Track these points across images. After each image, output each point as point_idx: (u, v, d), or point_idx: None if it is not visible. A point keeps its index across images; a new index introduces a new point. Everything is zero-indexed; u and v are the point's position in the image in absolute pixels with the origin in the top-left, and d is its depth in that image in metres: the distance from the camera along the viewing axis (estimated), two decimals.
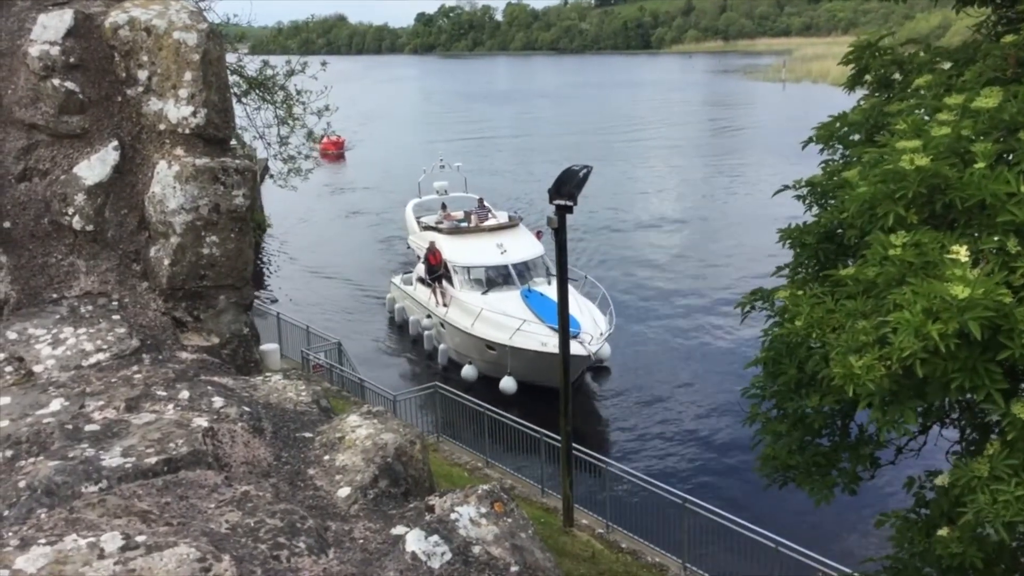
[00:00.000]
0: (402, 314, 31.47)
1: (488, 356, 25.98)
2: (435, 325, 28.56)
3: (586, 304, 26.42)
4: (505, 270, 28.10)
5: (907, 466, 8.45)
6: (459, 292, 27.63)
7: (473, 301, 26.70)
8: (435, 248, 28.71)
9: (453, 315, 27.14)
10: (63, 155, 3.24)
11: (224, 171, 3.31)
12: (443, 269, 28.46)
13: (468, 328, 26.10)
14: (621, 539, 15.84)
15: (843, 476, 7.73)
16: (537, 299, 26.64)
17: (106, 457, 2.29)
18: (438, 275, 28.46)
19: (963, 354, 5.07)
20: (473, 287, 27.77)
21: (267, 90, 26.20)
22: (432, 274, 28.60)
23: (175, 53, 3.29)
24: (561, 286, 16.09)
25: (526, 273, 28.29)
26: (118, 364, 2.90)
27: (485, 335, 25.61)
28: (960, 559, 6.05)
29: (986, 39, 8.77)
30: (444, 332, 28.02)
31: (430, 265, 28.65)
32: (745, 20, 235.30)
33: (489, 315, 25.51)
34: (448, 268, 28.37)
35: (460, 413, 20.05)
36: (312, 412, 2.83)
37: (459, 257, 28.54)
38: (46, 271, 3.19)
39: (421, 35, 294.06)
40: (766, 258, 18.24)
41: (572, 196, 14.91)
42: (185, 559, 1.84)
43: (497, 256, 28.34)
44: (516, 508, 2.27)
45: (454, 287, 27.95)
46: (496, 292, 27.30)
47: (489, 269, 28.09)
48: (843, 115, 8.77)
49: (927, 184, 5.84)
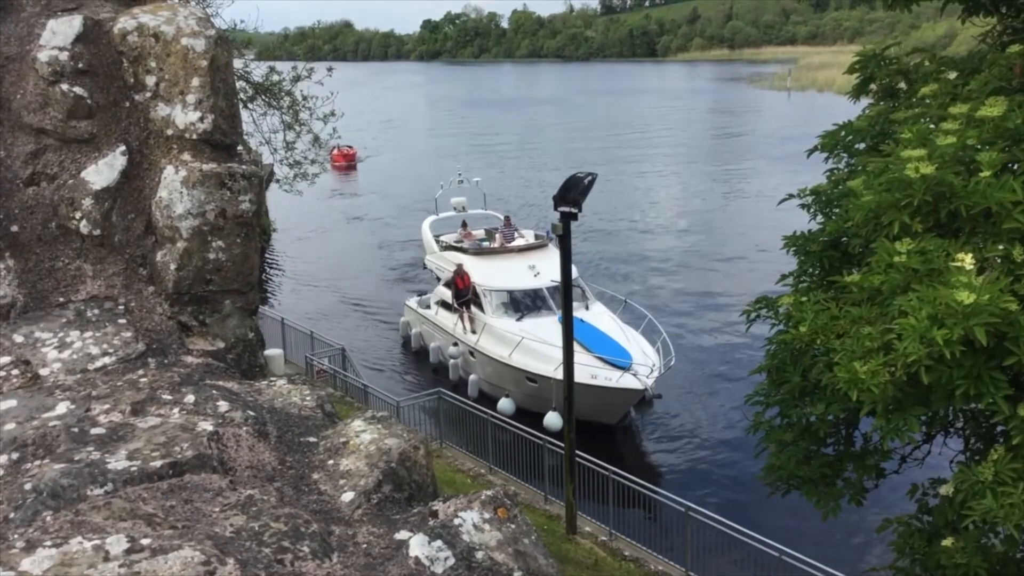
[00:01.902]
0: (420, 340, 29.09)
1: (527, 388, 23.69)
2: (463, 354, 26.17)
3: (632, 333, 24.44)
4: (539, 294, 25.77)
5: (911, 474, 8.44)
6: (491, 318, 25.40)
7: (508, 328, 24.51)
8: (463, 271, 26.48)
9: (486, 343, 24.91)
10: (71, 160, 3.26)
11: (231, 176, 3.33)
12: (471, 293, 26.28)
13: (504, 358, 23.89)
14: (624, 547, 15.81)
15: (849, 487, 7.73)
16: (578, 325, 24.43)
17: (111, 460, 2.30)
18: (465, 299, 26.30)
19: (968, 361, 5.07)
20: (507, 313, 25.39)
21: (273, 96, 26.32)
22: (460, 299, 26.36)
23: (183, 59, 3.30)
24: (565, 293, 16.09)
25: None
26: (124, 368, 2.91)
27: (525, 366, 23.29)
28: (964, 569, 6.04)
29: (992, 49, 8.78)
30: (474, 361, 25.68)
31: (458, 289, 26.37)
32: (751, 28, 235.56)
33: (530, 344, 23.21)
34: (478, 292, 26.11)
35: (464, 419, 20.04)
36: (316, 417, 2.84)
37: (489, 280, 26.19)
38: (53, 275, 3.20)
39: (427, 42, 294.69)
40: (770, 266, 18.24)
41: (577, 203, 14.92)
42: (189, 562, 1.85)
43: (531, 279, 25.94)
44: (520, 514, 2.28)
45: (485, 313, 25.75)
46: (532, 318, 24.94)
47: (523, 293, 25.83)
48: (848, 123, 8.79)
49: (932, 192, 5.85)
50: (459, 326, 26.26)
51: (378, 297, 36.14)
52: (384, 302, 35.06)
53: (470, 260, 27.32)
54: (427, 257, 30.58)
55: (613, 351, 22.70)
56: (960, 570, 6.08)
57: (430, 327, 28.22)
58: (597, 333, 23.72)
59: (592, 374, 21.50)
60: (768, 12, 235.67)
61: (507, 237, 29.18)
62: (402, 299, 35.53)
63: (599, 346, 22.92)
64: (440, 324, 27.40)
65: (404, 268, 40.01)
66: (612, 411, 22.63)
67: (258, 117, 26.33)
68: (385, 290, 36.74)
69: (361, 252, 43.98)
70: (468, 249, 28.23)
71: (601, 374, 21.53)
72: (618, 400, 22.15)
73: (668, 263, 40.07)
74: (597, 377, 21.53)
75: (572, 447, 15.97)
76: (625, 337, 23.60)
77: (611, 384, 21.56)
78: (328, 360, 24.33)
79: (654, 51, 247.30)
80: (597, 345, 22.87)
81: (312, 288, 37.64)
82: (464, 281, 26.30)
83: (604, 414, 22.46)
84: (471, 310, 26.17)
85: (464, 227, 30.40)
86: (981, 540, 6.26)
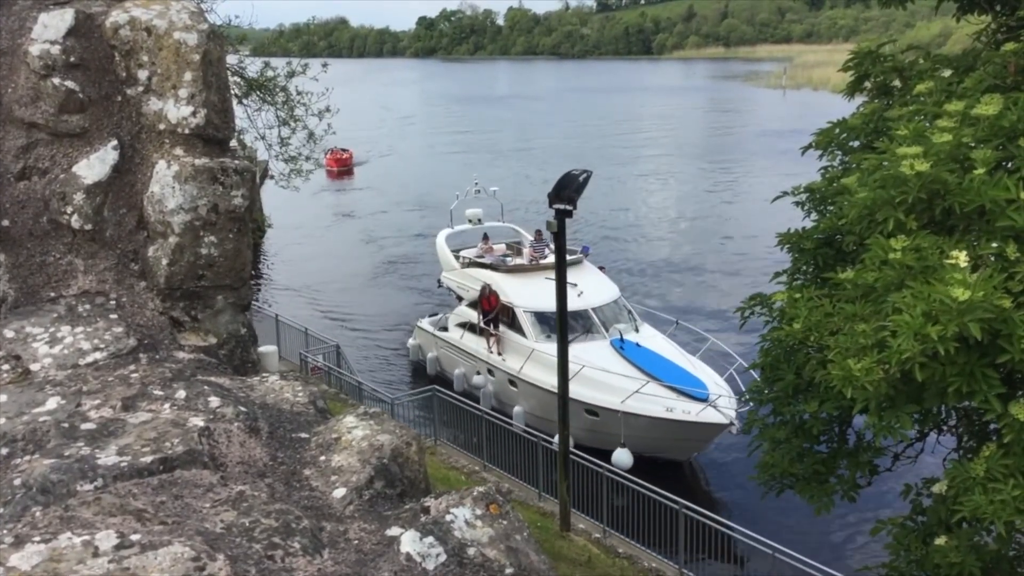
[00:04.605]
0: (437, 365, 26.47)
1: (585, 422, 20.84)
2: (499, 383, 23.66)
3: (697, 361, 22.03)
4: (585, 316, 23.09)
5: (904, 474, 8.46)
6: (536, 343, 22.86)
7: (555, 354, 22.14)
8: (491, 290, 24.23)
9: (531, 372, 22.38)
10: (62, 154, 3.24)
11: (223, 171, 3.31)
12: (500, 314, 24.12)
13: None
14: (618, 544, 15.83)
15: (842, 484, 7.75)
16: (635, 351, 22.12)
17: (102, 456, 2.28)
18: (492, 320, 24.18)
19: (961, 359, 5.08)
20: (550, 337, 21.93)
21: (268, 91, 26.27)
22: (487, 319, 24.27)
23: (175, 53, 3.29)
24: (560, 291, 16.07)
25: (609, 319, 23.47)
26: (115, 363, 2.90)
27: (583, 397, 20.31)
28: (958, 568, 6.06)
29: (986, 47, 8.79)
30: (517, 392, 23.04)
31: (484, 310, 24.21)
32: (746, 27, 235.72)
33: (591, 374, 20.39)
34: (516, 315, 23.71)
35: (458, 416, 20.03)
36: (309, 413, 2.83)
37: (528, 301, 23.58)
38: (44, 270, 3.18)
39: (422, 39, 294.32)
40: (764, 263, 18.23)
41: (572, 200, 14.92)
42: (179, 558, 1.84)
43: (575, 300, 22.41)
44: (512, 510, 2.27)
45: (527, 337, 23.30)
46: (580, 343, 21.89)
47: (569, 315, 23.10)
48: (843, 121, 8.80)
49: (927, 190, 5.86)
50: (492, 351, 24.07)
51: (376, 295, 36.12)
52: (382, 300, 35.03)
53: (500, 278, 24.78)
54: (444, 274, 27.77)
55: (686, 380, 20.55)
56: (954, 569, 6.10)
57: (452, 351, 25.75)
58: (660, 360, 21.71)
59: (667, 407, 19.58)
60: (763, 10, 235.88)
61: (537, 252, 26.24)
62: (401, 297, 35.51)
63: (667, 374, 20.72)
64: (466, 349, 25.02)
65: (405, 267, 40.01)
66: (688, 447, 20.68)
67: (253, 113, 26.28)
68: (384, 288, 36.73)
69: (361, 251, 43.92)
70: (498, 267, 25.50)
71: (677, 407, 19.43)
72: (698, 435, 20.07)
73: (661, 260, 40.12)
74: (673, 410, 19.49)
75: (567, 444, 15.99)
76: (691, 364, 21.51)
77: (690, 418, 19.47)
78: (323, 357, 24.31)
79: (650, 49, 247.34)
80: (665, 373, 20.68)
81: (307, 285, 37.59)
82: (492, 301, 24.16)
83: (678, 450, 20.62)
84: (498, 330, 24.05)
85: (485, 240, 27.79)
86: (974, 539, 6.28)
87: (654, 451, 20.07)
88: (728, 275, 36.74)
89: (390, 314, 33.20)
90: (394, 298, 35.55)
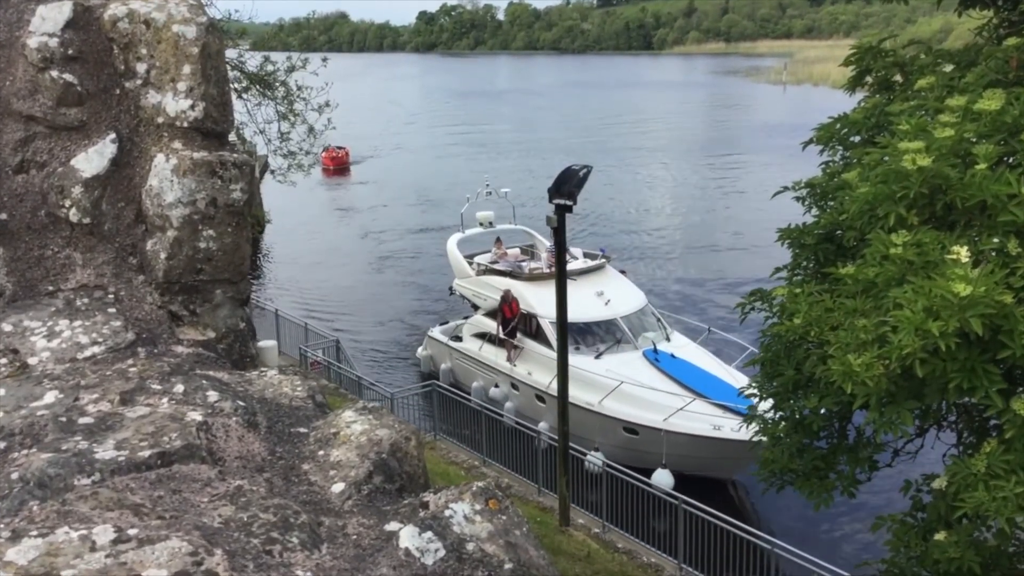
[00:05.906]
0: (451, 377, 24.80)
1: (621, 440, 19.79)
2: (525, 397, 22.42)
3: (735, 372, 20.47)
4: (614, 325, 21.96)
5: (904, 470, 8.45)
6: None
7: (588, 368, 20.27)
8: (511, 296, 22.90)
9: None
10: (61, 147, 3.23)
11: (222, 165, 3.30)
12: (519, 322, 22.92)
13: (593, 405, 19.86)
14: (617, 539, 15.83)
15: (842, 479, 7.73)
16: (671, 363, 20.90)
17: (99, 450, 2.27)
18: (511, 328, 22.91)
19: (962, 354, 5.07)
20: (579, 349, 20.99)
21: (267, 86, 26.23)
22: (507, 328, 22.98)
23: (174, 46, 3.27)
24: (560, 286, 16.06)
25: (638, 328, 22.24)
26: (113, 357, 2.89)
27: (621, 414, 19.49)
28: (958, 563, 6.05)
29: (988, 42, 8.77)
30: (544, 408, 21.69)
31: (505, 318, 22.90)
32: (747, 22, 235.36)
33: (630, 390, 19.41)
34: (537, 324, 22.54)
35: (458, 412, 20.03)
36: (307, 407, 2.82)
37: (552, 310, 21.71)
38: (42, 263, 3.17)
39: (423, 33, 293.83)
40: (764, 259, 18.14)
41: (572, 195, 14.88)
42: (177, 552, 1.83)
43: (602, 308, 21.87)
44: (511, 505, 2.26)
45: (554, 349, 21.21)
46: (611, 355, 21.11)
47: (596, 325, 21.96)
48: (843, 116, 8.78)
49: (929, 185, 5.84)
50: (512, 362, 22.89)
51: (374, 291, 36.11)
52: (381, 297, 35.02)
53: (520, 286, 23.41)
54: (457, 282, 26.17)
55: (730, 396, 18.44)
56: (953, 564, 6.09)
57: (470, 363, 24.44)
58: (700, 372, 20.47)
59: (714, 424, 18.30)
60: (764, 6, 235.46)
61: None
62: (401, 296, 35.48)
63: (710, 389, 19.46)
64: (486, 361, 23.77)
65: (405, 262, 40.01)
66: (735, 466, 19.14)
67: (252, 107, 26.24)
68: (383, 287, 36.69)
69: (361, 247, 43.90)
70: (518, 274, 24.15)
71: (725, 424, 17.94)
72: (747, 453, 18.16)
73: (661, 255, 40.09)
74: (721, 428, 18.11)
75: (566, 440, 15.99)
76: (731, 376, 20.03)
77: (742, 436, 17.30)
78: (322, 352, 24.30)
79: (650, 44, 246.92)
80: (708, 388, 19.46)
81: (308, 281, 37.60)
82: (512, 309, 22.86)
83: (724, 469, 19.36)
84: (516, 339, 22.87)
85: (499, 244, 26.40)
86: (974, 534, 6.27)
87: (700, 471, 18.90)
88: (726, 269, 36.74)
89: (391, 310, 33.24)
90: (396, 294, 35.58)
